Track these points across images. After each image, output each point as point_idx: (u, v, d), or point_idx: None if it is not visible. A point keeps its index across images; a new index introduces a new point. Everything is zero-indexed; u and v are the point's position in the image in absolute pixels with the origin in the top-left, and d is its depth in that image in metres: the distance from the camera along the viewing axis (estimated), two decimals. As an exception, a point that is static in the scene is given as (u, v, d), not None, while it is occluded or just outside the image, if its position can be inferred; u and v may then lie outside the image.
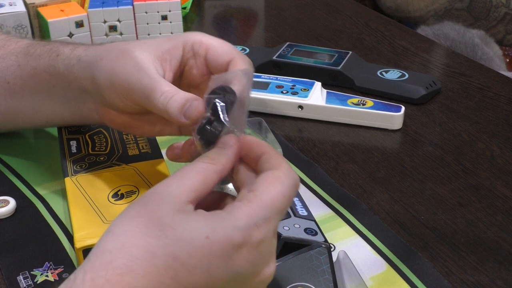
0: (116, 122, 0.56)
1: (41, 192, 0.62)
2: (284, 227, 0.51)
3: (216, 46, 0.53)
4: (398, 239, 0.57)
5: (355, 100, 0.76)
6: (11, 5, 0.87)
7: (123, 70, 0.51)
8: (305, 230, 0.51)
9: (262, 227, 0.38)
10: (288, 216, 0.53)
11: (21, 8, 0.87)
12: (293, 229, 0.51)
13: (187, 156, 0.51)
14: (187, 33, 0.55)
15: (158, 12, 0.91)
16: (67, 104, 0.58)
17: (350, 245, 0.56)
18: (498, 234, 0.58)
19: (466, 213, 0.61)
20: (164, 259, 0.36)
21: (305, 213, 0.54)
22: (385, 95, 0.80)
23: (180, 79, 0.55)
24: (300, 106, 0.76)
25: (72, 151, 0.62)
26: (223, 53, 0.53)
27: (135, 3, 0.90)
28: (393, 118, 0.74)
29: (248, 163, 0.43)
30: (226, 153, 0.42)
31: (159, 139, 0.64)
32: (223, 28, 1.07)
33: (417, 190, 0.64)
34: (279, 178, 0.40)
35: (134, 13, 0.90)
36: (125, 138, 0.64)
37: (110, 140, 0.64)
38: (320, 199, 0.62)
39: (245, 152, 0.43)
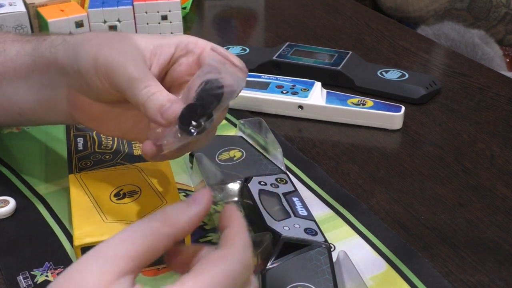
0: (85, 112, 0.54)
1: (41, 192, 0.62)
2: (284, 227, 0.51)
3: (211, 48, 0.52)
4: (398, 239, 0.57)
5: (355, 100, 0.76)
6: (11, 5, 0.87)
7: (111, 51, 0.49)
8: (305, 230, 0.51)
9: None
10: (288, 216, 0.53)
11: (21, 8, 0.87)
12: (293, 229, 0.51)
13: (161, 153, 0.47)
14: (185, 35, 0.54)
15: (158, 12, 0.91)
16: (41, 92, 0.55)
17: (350, 245, 0.56)
18: (498, 234, 0.58)
19: (466, 213, 0.61)
20: None
21: (305, 213, 0.54)
22: (385, 95, 0.80)
23: (164, 77, 0.54)
24: (300, 106, 0.76)
25: (79, 148, 0.62)
26: (218, 55, 0.51)
27: (135, 3, 0.90)
28: (393, 118, 0.74)
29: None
30: (187, 213, 0.37)
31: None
32: (223, 28, 1.07)
33: (417, 190, 0.64)
34: (224, 258, 0.35)
35: (134, 13, 0.90)
36: None
37: (116, 139, 0.64)
38: (320, 199, 0.62)
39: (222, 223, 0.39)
